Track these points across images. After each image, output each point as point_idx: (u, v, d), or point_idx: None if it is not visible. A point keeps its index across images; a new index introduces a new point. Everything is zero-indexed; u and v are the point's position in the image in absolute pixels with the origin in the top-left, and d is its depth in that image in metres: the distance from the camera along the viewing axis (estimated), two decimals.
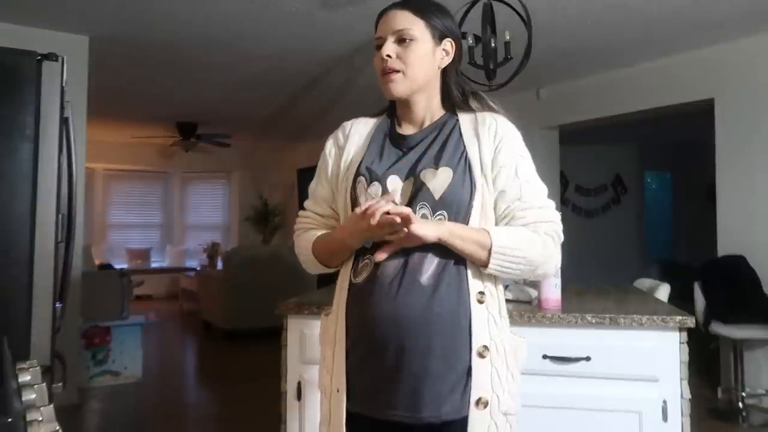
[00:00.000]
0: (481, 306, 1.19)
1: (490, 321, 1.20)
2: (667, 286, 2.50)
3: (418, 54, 1.24)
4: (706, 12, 3.63)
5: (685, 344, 1.70)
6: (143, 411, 4.08)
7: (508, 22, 2.90)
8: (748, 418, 3.62)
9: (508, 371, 1.21)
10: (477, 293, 1.19)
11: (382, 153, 1.29)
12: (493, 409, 1.17)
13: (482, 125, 1.26)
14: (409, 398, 1.15)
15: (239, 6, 3.57)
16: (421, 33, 1.24)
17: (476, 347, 1.17)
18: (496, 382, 1.18)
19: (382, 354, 1.17)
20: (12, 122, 1.61)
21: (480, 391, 1.16)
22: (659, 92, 4.62)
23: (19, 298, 1.60)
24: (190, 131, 7.83)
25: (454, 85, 1.31)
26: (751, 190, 4.05)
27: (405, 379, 1.15)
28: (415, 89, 1.27)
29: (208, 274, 7.19)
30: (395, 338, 1.16)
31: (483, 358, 1.17)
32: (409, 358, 1.15)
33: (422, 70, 1.25)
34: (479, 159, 1.23)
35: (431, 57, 1.26)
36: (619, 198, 7.62)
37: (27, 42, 2.03)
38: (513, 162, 1.23)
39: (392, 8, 1.27)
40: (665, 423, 1.67)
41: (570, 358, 1.73)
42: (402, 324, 1.15)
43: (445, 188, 1.19)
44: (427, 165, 1.22)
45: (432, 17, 1.26)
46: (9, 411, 0.78)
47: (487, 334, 1.19)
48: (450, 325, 1.17)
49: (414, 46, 1.24)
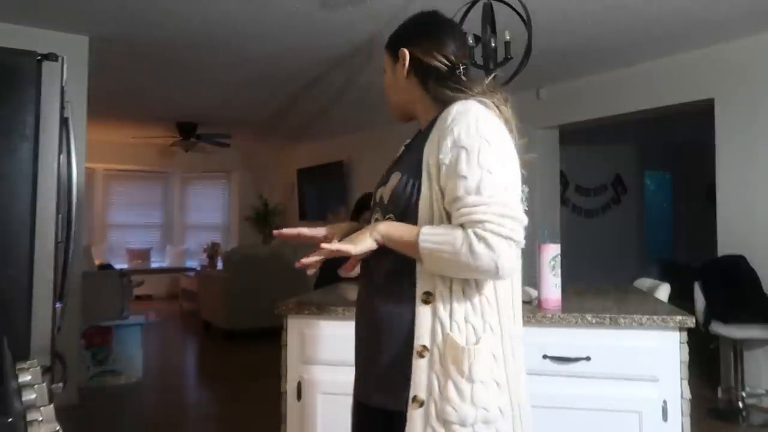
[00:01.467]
0: (425, 306, 1.17)
1: (435, 323, 1.16)
2: (667, 286, 2.50)
3: (387, 83, 1.40)
4: (706, 12, 3.63)
5: (685, 344, 1.70)
6: (143, 411, 4.08)
7: (508, 22, 2.90)
8: (748, 418, 3.62)
9: (449, 380, 1.13)
10: (422, 293, 1.18)
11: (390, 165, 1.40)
12: (430, 415, 1.14)
13: (439, 121, 1.22)
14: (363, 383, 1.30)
15: (239, 6, 3.57)
16: (386, 63, 1.39)
17: (416, 346, 1.17)
18: (434, 387, 1.15)
19: (356, 343, 1.35)
20: (12, 122, 1.61)
21: (416, 389, 1.16)
22: (659, 92, 4.62)
23: (19, 298, 1.60)
24: (190, 131, 7.83)
25: (432, 84, 1.30)
26: (751, 191, 4.05)
27: (360, 366, 1.32)
28: (400, 111, 1.40)
29: (208, 274, 7.20)
30: (358, 329, 1.34)
31: (422, 358, 1.16)
32: (363, 348, 1.31)
33: (394, 94, 1.39)
34: (426, 159, 1.20)
35: (394, 78, 1.37)
36: (619, 198, 7.61)
37: (27, 42, 2.03)
38: (453, 156, 1.14)
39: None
40: (665, 423, 1.67)
41: (570, 358, 1.73)
42: (359, 317, 1.34)
43: (390, 192, 1.26)
44: (391, 173, 1.32)
45: (390, 42, 1.38)
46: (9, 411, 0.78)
47: (428, 335, 1.16)
48: (392, 322, 1.22)
49: (385, 77, 1.40)
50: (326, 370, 1.90)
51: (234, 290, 6.13)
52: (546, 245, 1.84)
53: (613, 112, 4.99)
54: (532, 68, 3.13)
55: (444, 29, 1.34)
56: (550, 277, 1.83)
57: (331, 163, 8.62)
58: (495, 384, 1.15)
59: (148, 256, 10.09)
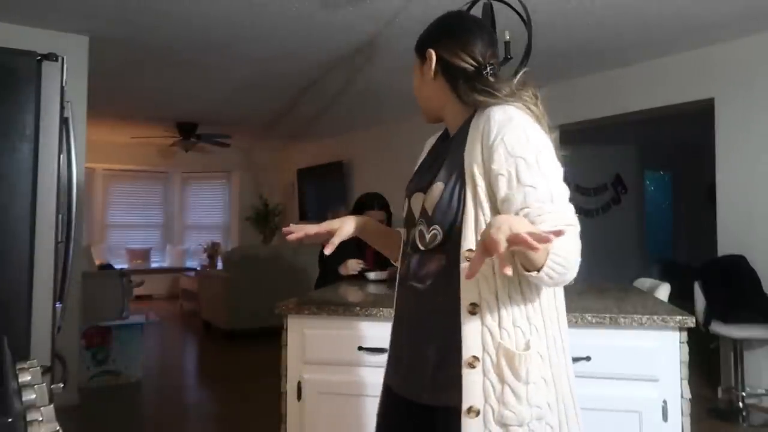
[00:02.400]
0: (473, 317, 1.16)
1: (485, 332, 1.15)
2: (667, 285, 2.50)
3: (417, 83, 1.37)
4: (706, 12, 3.63)
5: (685, 344, 1.70)
6: (143, 411, 4.08)
7: (508, 22, 2.90)
8: (748, 418, 3.62)
9: (505, 384, 1.14)
10: (468, 304, 1.16)
11: (423, 168, 1.39)
12: (488, 420, 1.14)
13: (476, 128, 1.20)
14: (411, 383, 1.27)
15: (239, 6, 3.57)
16: (415, 65, 1.38)
17: (465, 358, 1.15)
18: (490, 394, 1.14)
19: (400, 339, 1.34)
20: (12, 122, 1.61)
21: (470, 401, 1.14)
22: (659, 92, 4.62)
23: (19, 298, 1.60)
24: (190, 131, 7.83)
25: (461, 85, 1.27)
26: (750, 190, 4.05)
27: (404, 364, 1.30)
28: (431, 112, 1.37)
29: (208, 274, 7.19)
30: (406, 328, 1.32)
31: (473, 369, 1.15)
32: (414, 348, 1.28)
33: (422, 94, 1.37)
34: (471, 169, 1.18)
35: (422, 78, 1.35)
36: (619, 198, 7.61)
37: (27, 42, 2.03)
38: (512, 167, 1.13)
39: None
40: (665, 423, 1.67)
41: None
42: (402, 319, 1.34)
43: (434, 205, 1.23)
44: (431, 180, 1.28)
45: (419, 43, 1.37)
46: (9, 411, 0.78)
47: (479, 345, 1.15)
48: (438, 332, 1.22)
49: (414, 79, 1.38)
50: (326, 370, 1.91)
51: (234, 290, 6.13)
52: None
53: (613, 112, 4.99)
54: (532, 68, 3.13)
55: (470, 29, 1.31)
56: None
57: (331, 163, 8.62)
58: (543, 381, 1.17)
59: (148, 256, 10.08)
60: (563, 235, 0.99)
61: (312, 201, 9.35)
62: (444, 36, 1.32)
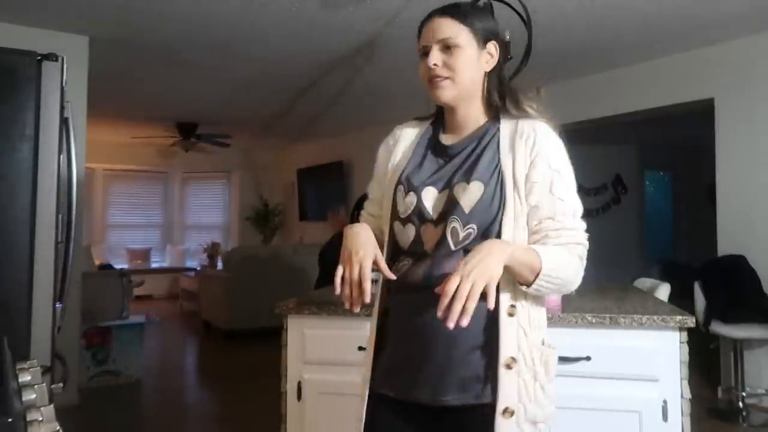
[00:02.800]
0: (511, 319, 1.20)
1: (520, 333, 1.20)
2: (667, 285, 2.50)
3: (464, 60, 1.26)
4: (706, 12, 3.63)
5: (685, 344, 1.70)
6: (143, 411, 4.08)
7: (508, 22, 2.90)
8: (748, 418, 3.62)
9: (536, 382, 1.21)
10: (508, 306, 1.20)
11: (423, 162, 1.32)
12: (520, 419, 1.19)
13: (519, 136, 1.26)
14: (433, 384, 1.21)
15: (239, 6, 3.57)
16: (465, 39, 1.26)
17: (503, 359, 1.18)
18: (523, 393, 1.19)
19: (410, 344, 1.24)
20: (12, 122, 1.61)
21: (506, 402, 1.18)
22: (659, 92, 4.61)
23: (19, 298, 1.60)
24: (190, 131, 7.83)
25: (495, 88, 1.31)
26: (751, 190, 4.05)
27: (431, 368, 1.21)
28: (462, 95, 1.29)
29: (208, 274, 7.19)
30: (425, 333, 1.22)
31: (510, 369, 1.18)
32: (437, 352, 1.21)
33: (468, 75, 1.27)
34: (512, 173, 1.23)
35: (476, 62, 1.28)
36: (619, 198, 7.61)
37: (27, 42, 2.03)
38: (548, 178, 1.22)
39: (435, 16, 1.29)
40: (665, 423, 1.67)
41: (570, 358, 1.73)
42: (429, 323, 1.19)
43: (475, 203, 1.21)
44: (461, 178, 1.25)
45: (475, 22, 1.28)
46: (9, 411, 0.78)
47: (515, 346, 1.19)
48: (475, 339, 1.20)
49: (459, 53, 1.26)
50: (326, 370, 1.91)
51: (234, 290, 6.13)
52: None
53: (613, 112, 4.99)
54: (532, 68, 3.13)
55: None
56: None
57: (331, 163, 8.62)
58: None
59: (148, 256, 10.08)
60: (560, 254, 1.19)
61: (312, 201, 9.35)
62: (499, 36, 1.34)
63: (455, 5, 1.30)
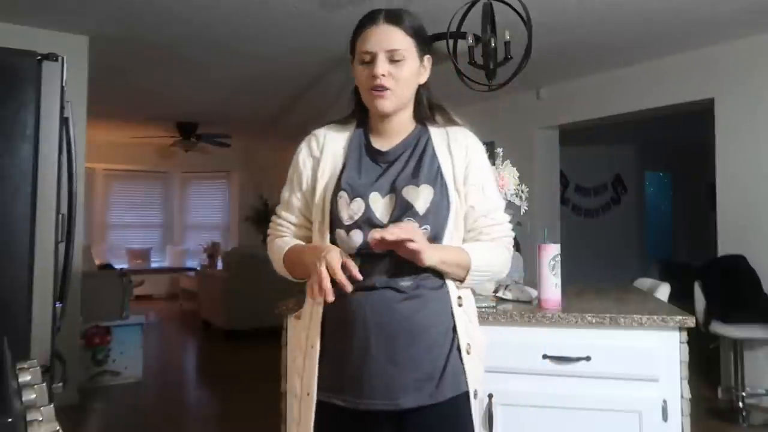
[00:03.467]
0: (460, 309, 1.30)
1: (467, 321, 1.31)
2: (667, 285, 2.50)
3: (408, 74, 1.28)
4: (707, 12, 3.63)
5: (685, 344, 1.70)
6: (143, 411, 4.08)
7: (508, 22, 2.90)
8: (748, 418, 3.62)
9: (482, 364, 1.34)
10: (457, 298, 1.30)
11: (361, 167, 1.31)
12: (478, 399, 1.32)
13: (454, 142, 1.34)
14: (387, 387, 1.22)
15: (239, 6, 3.57)
16: (411, 53, 1.28)
17: (464, 346, 1.28)
18: (477, 374, 1.31)
19: (365, 348, 1.22)
20: (12, 122, 1.61)
21: (474, 384, 1.29)
22: (659, 92, 4.62)
23: (19, 298, 1.60)
24: (190, 131, 7.83)
25: (425, 100, 1.37)
26: (751, 190, 4.05)
27: (385, 369, 1.21)
28: (400, 105, 1.31)
29: (208, 274, 7.19)
30: (381, 334, 1.22)
31: (469, 355, 1.29)
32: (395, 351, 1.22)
33: (409, 88, 1.31)
34: (452, 175, 1.31)
35: (416, 75, 1.32)
36: (619, 198, 7.61)
37: (27, 42, 2.03)
38: (481, 180, 1.34)
39: (382, 22, 1.28)
40: (665, 423, 1.67)
41: (570, 358, 1.73)
42: (387, 321, 1.22)
43: (428, 205, 1.25)
44: (408, 182, 1.27)
45: (419, 36, 1.31)
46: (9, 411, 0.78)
47: (466, 332, 1.30)
48: (431, 329, 1.25)
49: (405, 66, 1.27)
50: None
51: (234, 290, 6.13)
52: (546, 245, 1.84)
53: (613, 112, 4.99)
54: (532, 68, 3.13)
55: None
56: (550, 277, 1.83)
57: None
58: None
59: (148, 256, 10.08)
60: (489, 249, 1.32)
61: None
62: (431, 49, 1.37)
63: (400, 15, 1.29)
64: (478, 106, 5.80)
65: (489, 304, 1.87)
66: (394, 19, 1.28)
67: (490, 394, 1.75)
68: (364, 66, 1.30)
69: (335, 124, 1.43)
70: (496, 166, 2.09)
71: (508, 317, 1.77)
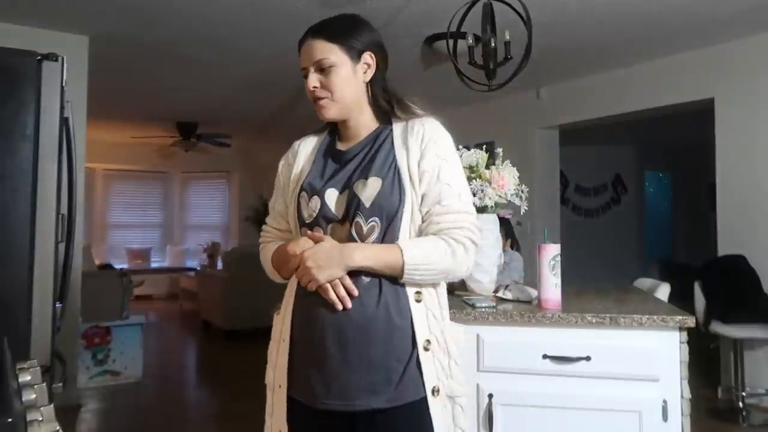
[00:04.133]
0: (419, 304, 1.27)
1: (429, 316, 1.28)
2: (667, 285, 2.50)
3: (339, 78, 1.31)
4: (707, 11, 3.63)
5: (685, 344, 1.70)
6: (143, 411, 4.08)
7: (508, 21, 2.90)
8: (748, 418, 3.62)
9: (451, 359, 1.29)
10: (414, 293, 1.27)
11: (324, 168, 1.36)
12: (442, 396, 1.27)
13: (410, 133, 1.32)
14: (345, 388, 1.23)
15: (239, 6, 3.57)
16: (338, 57, 1.30)
17: (421, 342, 1.25)
18: (440, 371, 1.27)
19: (322, 347, 1.24)
20: (12, 122, 1.61)
21: (432, 381, 1.25)
22: (659, 92, 4.62)
23: (19, 298, 1.60)
24: (190, 131, 7.83)
25: (380, 95, 1.36)
26: (751, 190, 4.05)
27: (342, 371, 1.23)
28: (345, 110, 1.34)
29: (208, 274, 7.19)
30: (336, 333, 1.23)
31: (427, 351, 1.26)
32: (349, 352, 1.23)
33: (347, 91, 1.32)
34: (407, 166, 1.29)
35: (353, 76, 1.32)
36: (619, 198, 7.61)
37: (27, 42, 2.03)
38: (436, 166, 1.28)
39: (307, 38, 1.33)
40: (665, 423, 1.67)
41: (570, 358, 1.73)
42: (342, 320, 1.23)
43: (374, 196, 1.25)
44: (359, 176, 1.29)
45: (346, 39, 1.31)
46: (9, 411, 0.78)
47: (427, 329, 1.27)
48: (388, 323, 1.24)
49: (333, 72, 1.30)
50: None
51: (234, 290, 6.13)
52: (546, 245, 1.84)
53: (613, 112, 4.99)
54: (532, 68, 3.13)
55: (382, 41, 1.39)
56: (550, 277, 1.83)
57: None
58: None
59: (148, 256, 10.08)
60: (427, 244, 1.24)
61: None
62: (375, 44, 1.35)
63: (324, 24, 1.34)
64: (478, 106, 5.80)
65: (489, 304, 1.87)
66: (317, 31, 1.32)
67: (490, 394, 1.75)
68: (305, 82, 1.34)
69: (312, 134, 1.49)
70: (496, 165, 2.08)
71: (508, 317, 1.77)
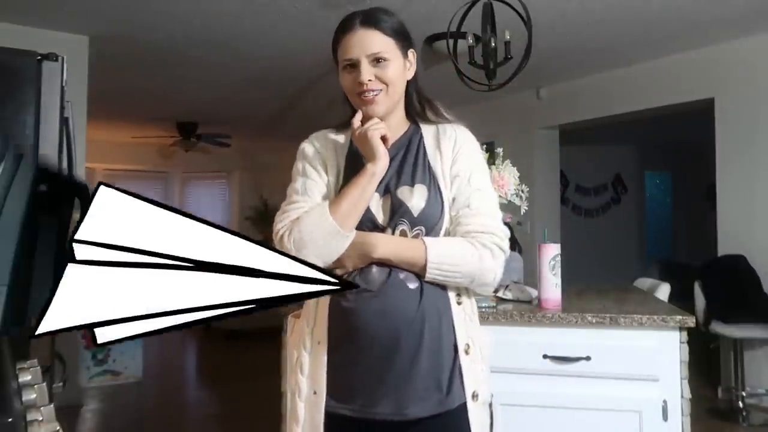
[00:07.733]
0: (459, 307, 1.26)
1: (467, 320, 1.27)
2: (667, 285, 2.50)
3: (395, 74, 1.27)
4: (706, 12, 3.63)
5: (685, 344, 1.70)
6: (143, 411, 4.08)
7: (508, 21, 2.90)
8: (748, 418, 3.62)
9: (483, 363, 1.29)
10: (455, 296, 1.26)
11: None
12: (482, 401, 1.26)
13: (443, 138, 1.32)
14: (395, 396, 1.19)
15: (239, 6, 3.57)
16: (393, 52, 1.27)
17: (462, 345, 1.24)
18: (477, 375, 1.26)
19: (369, 353, 1.19)
20: (12, 122, 1.61)
21: (472, 386, 1.24)
22: (659, 92, 4.61)
23: None
24: (190, 131, 7.83)
25: (415, 95, 1.35)
26: (751, 190, 4.05)
27: (393, 378, 1.19)
28: (392, 106, 1.30)
29: None
30: (385, 339, 1.18)
31: (468, 355, 1.25)
32: (399, 358, 1.18)
33: (399, 87, 1.30)
34: (441, 173, 1.29)
35: (403, 73, 1.30)
36: (619, 198, 7.61)
37: (27, 42, 2.03)
38: (468, 171, 1.28)
39: (357, 28, 1.26)
40: (665, 422, 1.67)
41: (570, 358, 1.73)
42: (392, 325, 1.18)
43: (423, 206, 1.24)
44: (401, 182, 1.26)
45: (399, 34, 1.29)
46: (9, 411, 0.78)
47: (466, 333, 1.26)
48: (437, 326, 1.22)
49: (389, 66, 1.26)
50: None
51: None
52: (546, 245, 1.84)
53: (613, 112, 4.99)
54: (532, 68, 3.13)
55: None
56: (550, 277, 1.83)
57: None
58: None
59: None
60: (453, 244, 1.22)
61: None
62: (413, 43, 1.33)
63: (372, 16, 1.27)
64: (478, 106, 5.79)
65: (489, 304, 1.87)
66: (371, 21, 1.26)
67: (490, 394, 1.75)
68: (348, 73, 1.27)
69: (332, 130, 1.41)
70: (496, 165, 2.09)
71: (508, 317, 1.77)
